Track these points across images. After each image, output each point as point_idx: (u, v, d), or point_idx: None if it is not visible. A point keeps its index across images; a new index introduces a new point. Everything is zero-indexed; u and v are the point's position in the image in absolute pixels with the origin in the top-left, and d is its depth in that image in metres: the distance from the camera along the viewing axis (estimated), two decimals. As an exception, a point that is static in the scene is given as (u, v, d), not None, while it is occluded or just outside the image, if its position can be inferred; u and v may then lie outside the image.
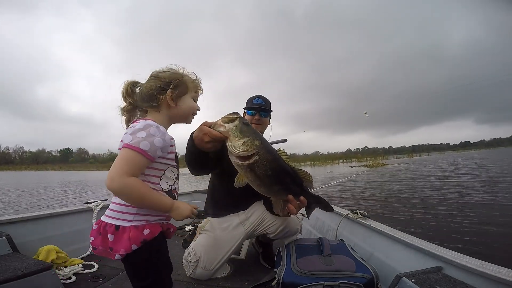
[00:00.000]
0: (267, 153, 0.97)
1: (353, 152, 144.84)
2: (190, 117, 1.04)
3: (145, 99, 0.95)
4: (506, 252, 2.93)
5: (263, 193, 1.06)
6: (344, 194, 7.89)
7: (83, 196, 9.63)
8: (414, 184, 9.57)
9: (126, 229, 0.82)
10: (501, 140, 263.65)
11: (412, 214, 4.94)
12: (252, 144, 0.95)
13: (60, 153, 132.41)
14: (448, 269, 1.08)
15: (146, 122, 0.87)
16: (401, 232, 1.43)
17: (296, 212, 1.12)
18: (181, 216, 0.87)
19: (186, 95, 0.99)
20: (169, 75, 0.97)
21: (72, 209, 2.01)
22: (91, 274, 1.59)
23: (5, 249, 1.42)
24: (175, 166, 0.97)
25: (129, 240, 0.81)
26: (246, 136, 0.96)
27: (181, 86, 0.97)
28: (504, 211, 4.70)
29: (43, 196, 10.31)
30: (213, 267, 1.51)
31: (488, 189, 7.13)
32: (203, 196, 2.63)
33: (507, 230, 3.68)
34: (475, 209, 5.03)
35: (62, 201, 8.49)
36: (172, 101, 0.95)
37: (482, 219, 4.30)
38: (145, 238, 0.83)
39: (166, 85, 0.94)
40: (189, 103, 1.00)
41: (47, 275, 1.23)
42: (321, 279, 1.24)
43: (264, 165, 0.96)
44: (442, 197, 6.51)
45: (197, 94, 1.04)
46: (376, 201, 6.43)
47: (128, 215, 0.84)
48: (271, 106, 1.75)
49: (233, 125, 0.99)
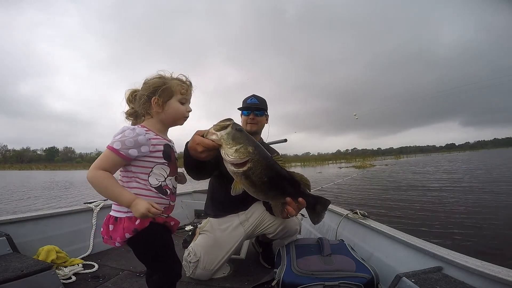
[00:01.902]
0: (261, 159, 0.96)
1: (343, 153, 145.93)
2: (180, 120, 1.10)
3: (139, 106, 1.04)
4: (506, 252, 2.94)
5: (261, 199, 1.06)
6: (343, 194, 7.89)
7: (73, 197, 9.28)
8: (411, 184, 9.61)
9: (122, 220, 0.95)
10: (485, 142, 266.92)
11: (411, 214, 4.95)
12: (245, 151, 0.94)
13: (46, 152, 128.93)
14: (448, 269, 1.08)
15: (125, 126, 0.98)
16: (401, 232, 1.43)
17: (295, 214, 1.12)
18: (137, 212, 0.91)
19: (171, 100, 1.05)
20: (153, 82, 1.04)
21: (72, 209, 2.01)
22: (91, 274, 1.58)
23: (5, 249, 1.42)
24: (165, 164, 1.02)
25: (123, 229, 0.93)
26: (238, 143, 0.95)
27: (166, 92, 1.03)
28: (504, 211, 4.70)
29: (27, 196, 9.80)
30: (213, 268, 1.51)
31: (488, 190, 7.14)
32: (203, 196, 2.63)
33: (507, 230, 3.68)
34: (475, 209, 5.03)
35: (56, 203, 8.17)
36: (158, 107, 1.02)
37: (482, 219, 4.30)
38: (136, 227, 0.93)
39: (152, 93, 1.02)
40: (176, 107, 1.05)
41: (47, 275, 1.23)
42: (321, 279, 1.24)
43: (259, 172, 0.95)
44: (442, 197, 6.52)
45: (185, 96, 1.08)
46: (375, 201, 6.43)
47: (123, 207, 0.95)
48: (267, 105, 1.74)
49: (225, 132, 0.98)
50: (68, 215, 1.96)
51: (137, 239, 0.95)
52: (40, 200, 8.80)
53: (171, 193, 1.07)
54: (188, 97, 1.10)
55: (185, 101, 1.08)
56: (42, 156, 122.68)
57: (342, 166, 33.78)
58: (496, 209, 4.90)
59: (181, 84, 1.07)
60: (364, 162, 35.79)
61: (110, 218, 0.98)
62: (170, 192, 1.06)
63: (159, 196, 1.01)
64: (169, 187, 1.06)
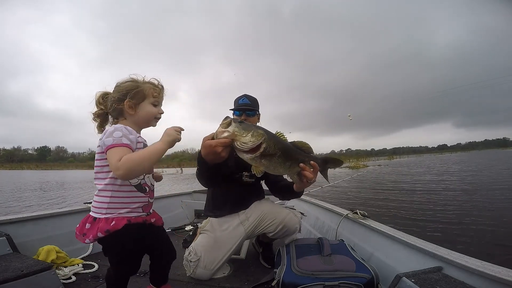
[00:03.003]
0: (271, 136, 1.06)
1: (337, 154, 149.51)
2: (152, 122, 1.16)
3: (111, 108, 1.10)
4: (506, 252, 2.94)
5: (280, 173, 1.15)
6: (342, 194, 7.90)
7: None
8: (408, 184, 9.63)
9: (99, 220, 1.00)
10: (476, 143, 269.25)
11: (411, 214, 4.95)
12: (258, 134, 1.02)
13: (37, 151, 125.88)
14: (448, 269, 1.08)
15: (115, 126, 1.03)
16: (401, 232, 1.43)
17: (313, 177, 1.19)
18: (171, 137, 1.02)
19: (144, 102, 1.10)
20: (125, 85, 1.09)
21: (72, 209, 2.01)
22: (91, 274, 1.58)
23: (5, 249, 1.42)
24: None
25: (97, 229, 0.99)
26: (249, 129, 1.03)
27: (138, 95, 1.09)
28: (504, 211, 4.70)
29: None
30: (213, 267, 1.52)
31: (487, 190, 7.15)
32: (203, 196, 2.63)
33: (508, 230, 3.68)
34: (475, 209, 5.03)
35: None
36: (130, 109, 1.08)
37: (481, 219, 4.30)
38: (109, 228, 0.98)
39: (124, 96, 1.07)
40: (147, 109, 1.11)
41: (47, 275, 1.23)
42: (321, 279, 1.24)
43: (273, 148, 1.04)
44: (441, 197, 6.52)
45: (158, 99, 1.14)
46: (374, 201, 6.44)
47: (102, 209, 1.01)
48: (258, 104, 1.75)
49: (234, 126, 1.04)
50: (68, 215, 1.96)
51: (107, 239, 1.00)
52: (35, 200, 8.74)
53: (149, 190, 1.12)
54: (160, 99, 1.16)
55: (157, 103, 1.14)
56: (34, 156, 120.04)
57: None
58: (496, 209, 4.90)
59: (153, 87, 1.13)
60: (357, 163, 36.25)
61: (89, 217, 1.03)
62: (149, 189, 1.12)
63: (138, 194, 1.07)
64: (148, 185, 1.12)
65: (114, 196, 1.02)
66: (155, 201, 1.21)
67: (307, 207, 2.52)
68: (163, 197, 2.87)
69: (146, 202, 1.11)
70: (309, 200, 2.56)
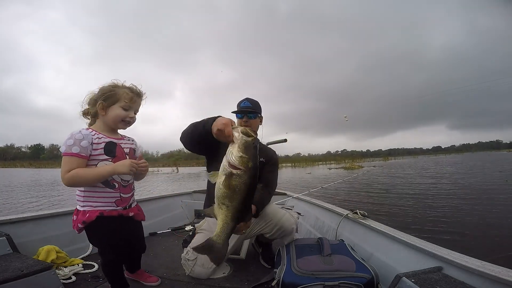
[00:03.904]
0: (249, 177, 1.04)
1: (333, 155, 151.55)
2: (119, 124, 1.23)
3: (92, 108, 1.20)
4: (506, 252, 2.94)
5: (225, 203, 1.07)
6: (342, 194, 7.89)
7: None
8: (408, 185, 9.62)
9: (79, 212, 1.16)
10: (469, 145, 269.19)
11: (411, 214, 4.94)
12: (245, 163, 1.01)
13: (31, 149, 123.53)
14: (448, 269, 1.08)
15: (72, 132, 1.13)
16: (401, 232, 1.43)
17: (241, 229, 1.31)
18: (126, 171, 1.14)
19: (115, 105, 1.19)
20: (103, 88, 1.20)
21: (72, 209, 2.01)
22: (91, 274, 1.58)
23: (5, 249, 1.41)
24: (108, 160, 1.18)
25: (77, 220, 1.15)
26: (247, 154, 1.01)
27: (111, 97, 1.18)
28: (504, 212, 4.70)
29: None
30: (211, 265, 1.51)
31: (487, 191, 7.14)
32: (203, 196, 2.63)
33: (508, 230, 3.68)
34: (475, 209, 5.03)
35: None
36: (102, 110, 1.19)
37: (481, 219, 4.30)
38: (85, 220, 1.13)
39: (99, 97, 1.18)
40: (117, 112, 1.19)
41: (47, 275, 1.22)
42: (321, 279, 1.24)
43: (239, 182, 1.03)
44: (441, 197, 6.52)
45: (129, 104, 1.21)
46: (374, 200, 6.43)
47: (80, 202, 1.17)
48: (260, 107, 1.77)
49: (245, 138, 1.02)
50: (68, 215, 1.95)
51: (87, 229, 1.17)
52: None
53: (120, 186, 1.21)
54: (133, 105, 1.23)
55: (128, 107, 1.21)
56: (27, 154, 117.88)
57: (332, 167, 34.36)
58: (496, 209, 4.90)
59: (128, 92, 1.21)
60: (352, 164, 36.78)
61: (76, 209, 1.20)
62: (119, 185, 1.20)
63: (106, 190, 1.17)
64: (117, 181, 1.20)
65: (86, 191, 1.16)
66: (155, 200, 1.24)
67: (307, 207, 2.52)
68: (163, 197, 2.86)
69: (119, 197, 1.20)
70: (309, 200, 2.56)
